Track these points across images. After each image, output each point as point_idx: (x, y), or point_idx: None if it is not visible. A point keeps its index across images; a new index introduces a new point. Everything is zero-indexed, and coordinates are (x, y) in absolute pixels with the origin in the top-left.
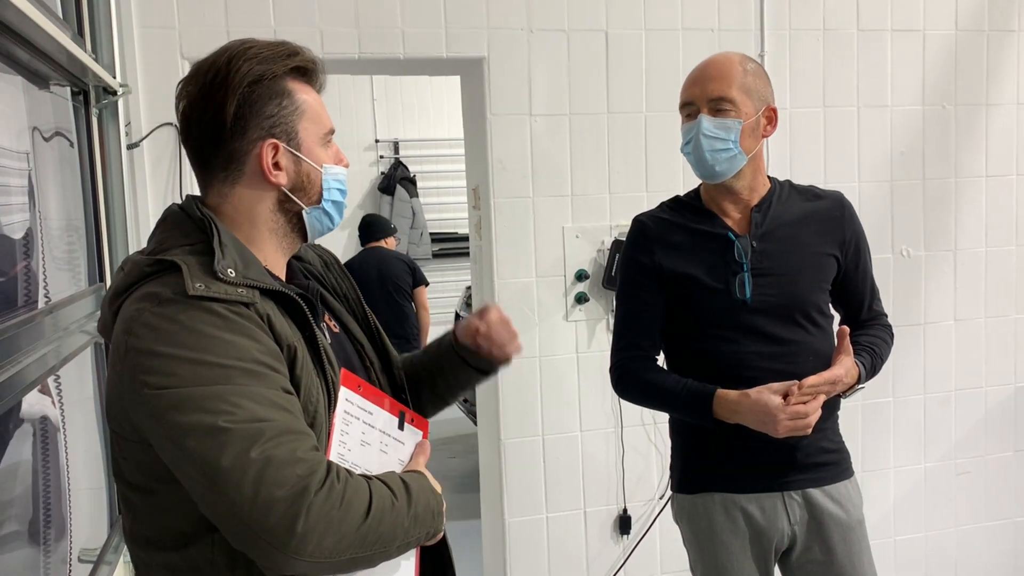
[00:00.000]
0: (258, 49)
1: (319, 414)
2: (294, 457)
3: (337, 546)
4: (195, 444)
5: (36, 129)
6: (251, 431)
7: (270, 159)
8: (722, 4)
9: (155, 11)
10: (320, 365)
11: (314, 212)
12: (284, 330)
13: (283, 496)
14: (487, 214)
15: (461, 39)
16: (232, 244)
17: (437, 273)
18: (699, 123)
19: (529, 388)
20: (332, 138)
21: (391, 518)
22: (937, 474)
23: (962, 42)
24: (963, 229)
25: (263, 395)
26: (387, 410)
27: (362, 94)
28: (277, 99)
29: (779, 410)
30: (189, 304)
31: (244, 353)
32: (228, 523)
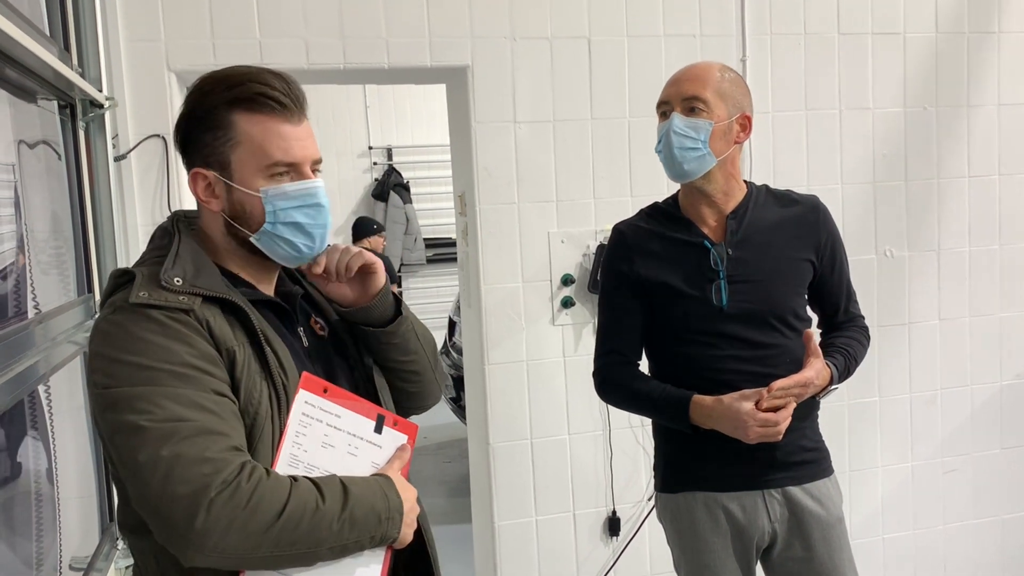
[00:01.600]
0: (208, 82)
1: (260, 415)
2: (202, 457)
3: (243, 544)
4: (120, 440)
5: (22, 142)
6: (166, 430)
7: (201, 187)
8: (703, 10)
9: (142, 25)
10: (267, 368)
11: (262, 238)
12: (224, 334)
13: (185, 493)
14: (473, 220)
15: (445, 48)
16: (189, 254)
17: (431, 278)
18: (671, 121)
19: (517, 392)
20: (292, 170)
21: (312, 520)
22: (924, 472)
23: (942, 44)
24: (946, 229)
25: (187, 396)
26: (362, 413)
27: (355, 101)
28: (212, 131)
29: (750, 416)
30: (132, 311)
31: (174, 357)
32: (145, 514)
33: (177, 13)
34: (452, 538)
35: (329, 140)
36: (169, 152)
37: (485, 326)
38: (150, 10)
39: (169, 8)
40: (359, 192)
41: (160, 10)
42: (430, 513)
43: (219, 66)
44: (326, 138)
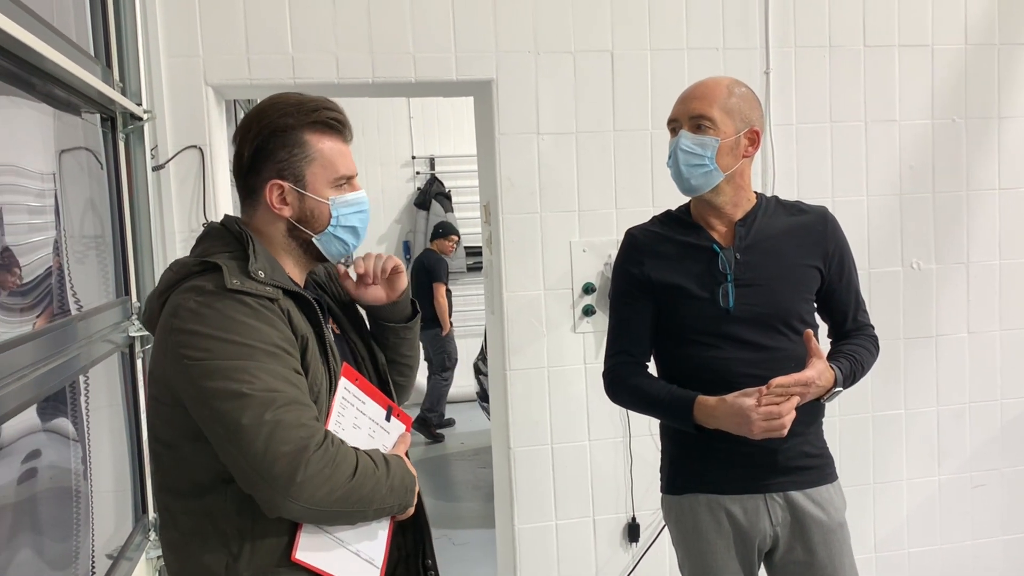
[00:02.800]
0: (285, 104)
1: (321, 395)
2: (299, 422)
3: (328, 498)
4: (220, 405)
5: (64, 152)
6: (266, 398)
7: (275, 196)
8: (727, 23)
9: (181, 41)
10: (325, 356)
11: (323, 238)
12: (300, 324)
13: (287, 451)
14: (496, 229)
15: (470, 62)
16: (263, 254)
17: (472, 286)
18: (679, 139)
19: (538, 398)
20: (349, 182)
21: (372, 482)
22: (952, 487)
23: (972, 56)
24: (976, 242)
25: (278, 371)
26: (378, 402)
27: (399, 113)
28: (289, 148)
29: (752, 410)
30: (226, 295)
31: (266, 337)
32: (242, 470)
33: (214, 30)
34: (483, 541)
35: (373, 150)
36: (205, 162)
37: (507, 333)
38: (189, 28)
39: (207, 26)
40: (402, 201)
41: (198, 28)
42: (464, 517)
43: (254, 80)
44: (370, 148)
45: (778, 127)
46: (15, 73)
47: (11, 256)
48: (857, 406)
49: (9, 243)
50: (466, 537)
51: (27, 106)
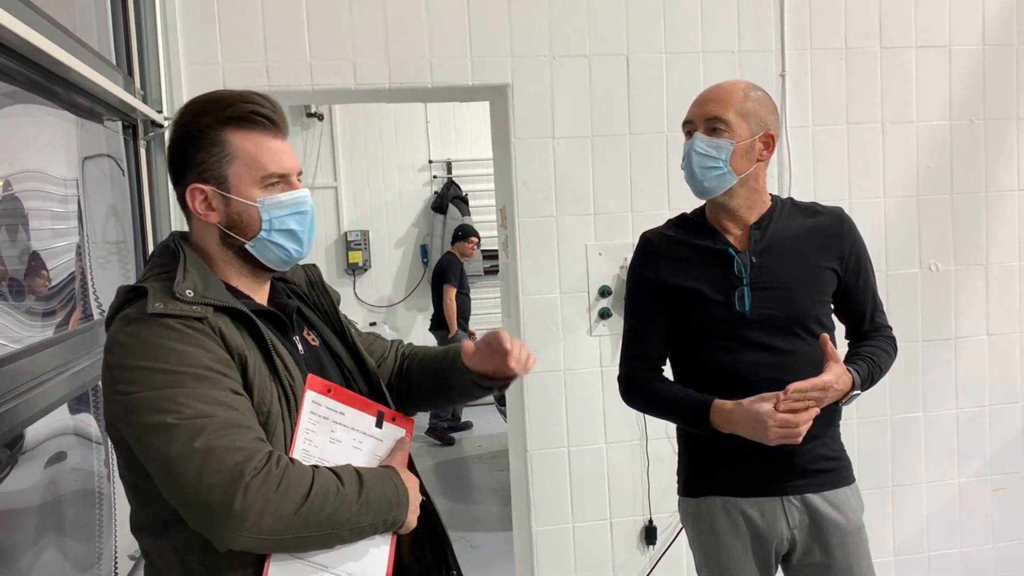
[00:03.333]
0: (200, 104)
1: (272, 414)
2: (233, 447)
3: (276, 525)
4: (152, 440)
5: (87, 159)
6: (196, 426)
7: (199, 201)
8: (742, 26)
9: (201, 49)
10: (275, 371)
11: (257, 244)
12: (236, 341)
13: (221, 480)
14: (512, 233)
15: (486, 67)
16: (196, 269)
17: (488, 289)
18: (693, 141)
19: (554, 401)
20: (283, 180)
21: (335, 502)
22: (972, 490)
23: (990, 56)
24: (995, 243)
25: (210, 395)
26: (363, 410)
27: (416, 117)
28: (207, 148)
29: (769, 417)
30: (150, 321)
31: (193, 360)
32: (181, 505)
33: (234, 38)
34: (501, 544)
35: (391, 154)
36: None
37: (523, 336)
38: (208, 35)
39: (226, 34)
40: (419, 205)
41: (218, 36)
42: (482, 520)
43: (273, 87)
44: (387, 153)
45: (794, 129)
46: (39, 82)
47: (39, 260)
48: (875, 409)
49: (36, 248)
50: (484, 540)
51: (51, 114)
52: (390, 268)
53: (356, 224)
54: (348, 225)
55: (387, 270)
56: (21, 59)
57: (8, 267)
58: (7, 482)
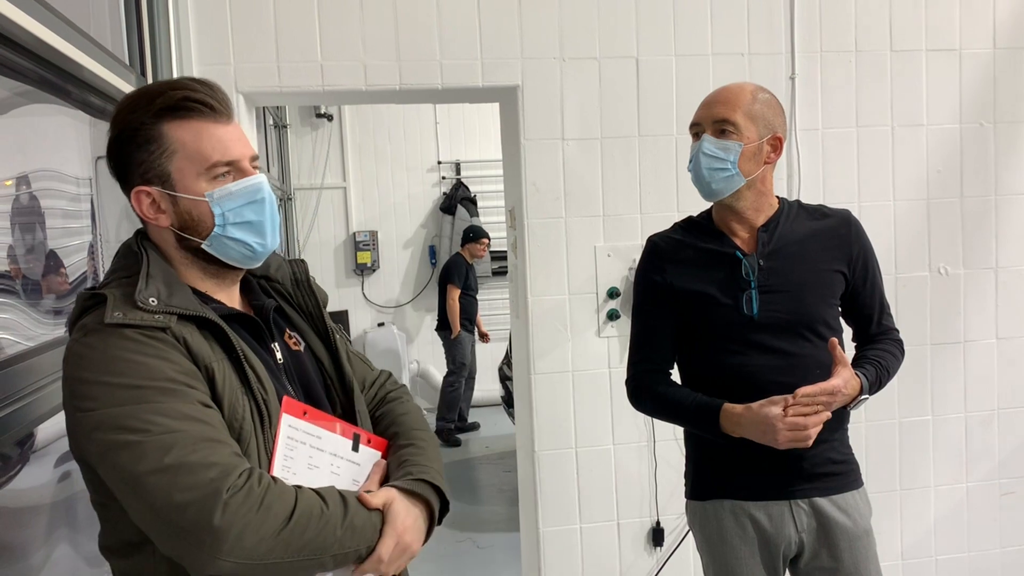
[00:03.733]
0: (132, 99)
1: (245, 430)
2: (207, 462)
3: (257, 547)
4: (116, 458)
5: (100, 158)
6: (164, 442)
7: (146, 205)
8: (752, 28)
9: (213, 50)
10: (246, 383)
11: (214, 242)
12: (202, 351)
13: (194, 498)
14: (522, 234)
15: (496, 69)
16: (160, 274)
17: (496, 290)
18: (701, 143)
19: (562, 402)
20: (232, 168)
21: (319, 524)
22: (980, 494)
23: (1000, 59)
24: (1005, 246)
25: (177, 410)
26: (338, 433)
27: (425, 118)
28: (145, 146)
29: (778, 420)
30: (108, 332)
31: (157, 373)
32: (152, 527)
33: (245, 39)
34: (508, 545)
35: (399, 155)
36: None
37: (532, 336)
38: (220, 37)
39: (238, 34)
40: (427, 206)
41: (230, 36)
42: (489, 520)
43: (284, 88)
44: (396, 153)
45: (804, 132)
46: (53, 81)
47: (56, 259)
48: (884, 412)
49: (52, 247)
50: (491, 540)
51: (65, 113)
52: (398, 269)
53: (365, 224)
54: (357, 225)
55: (395, 271)
56: (36, 58)
57: (24, 265)
58: (19, 479)
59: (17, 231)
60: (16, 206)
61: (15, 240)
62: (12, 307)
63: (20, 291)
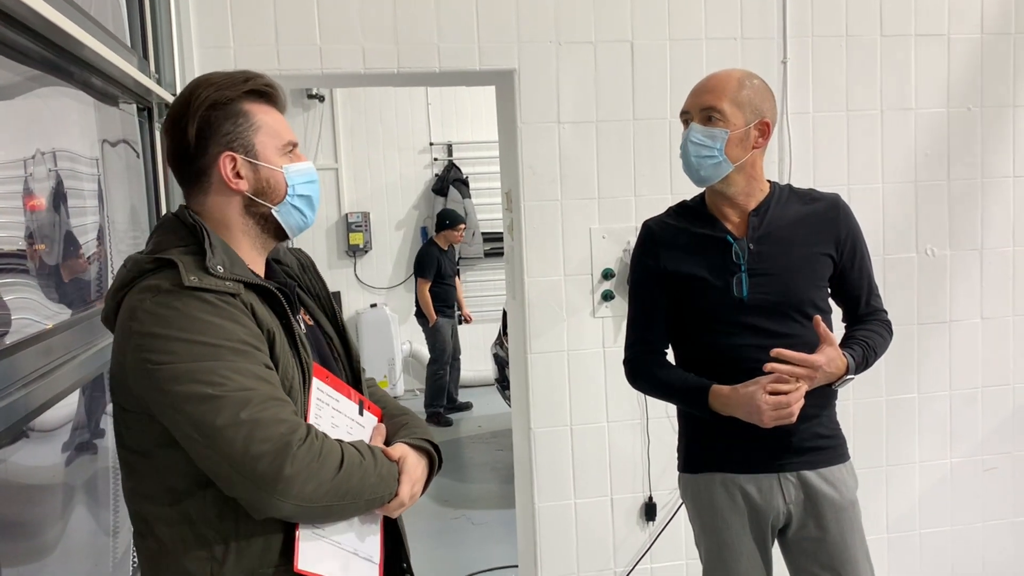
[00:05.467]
0: (217, 79)
1: (294, 389)
2: (277, 418)
3: (316, 492)
4: (193, 409)
5: (106, 141)
6: (240, 398)
7: (229, 169)
8: (744, 13)
9: (213, 33)
10: (296, 348)
11: (283, 209)
12: (265, 317)
13: (269, 449)
14: (518, 216)
15: (493, 53)
16: (220, 246)
17: (488, 271)
18: (689, 130)
19: (558, 381)
20: (294, 150)
21: (360, 473)
22: (963, 469)
23: (988, 45)
24: (990, 229)
25: (248, 369)
26: (350, 398)
27: (417, 99)
28: (233, 119)
29: (762, 400)
30: (184, 294)
31: (231, 334)
32: (224, 474)
33: (245, 23)
34: (501, 521)
35: (391, 136)
36: None
37: (528, 317)
38: (221, 20)
39: (238, 18)
40: (419, 187)
41: (230, 20)
42: (483, 498)
43: (283, 71)
44: (388, 135)
45: (795, 116)
46: (58, 63)
47: (75, 240)
48: (871, 390)
49: (69, 228)
50: (485, 517)
51: (70, 95)
52: (391, 250)
53: (357, 206)
54: (349, 207)
55: (388, 252)
56: (42, 39)
57: (43, 246)
58: (25, 457)
59: (35, 211)
60: (33, 187)
61: (33, 220)
62: (28, 287)
63: (35, 272)
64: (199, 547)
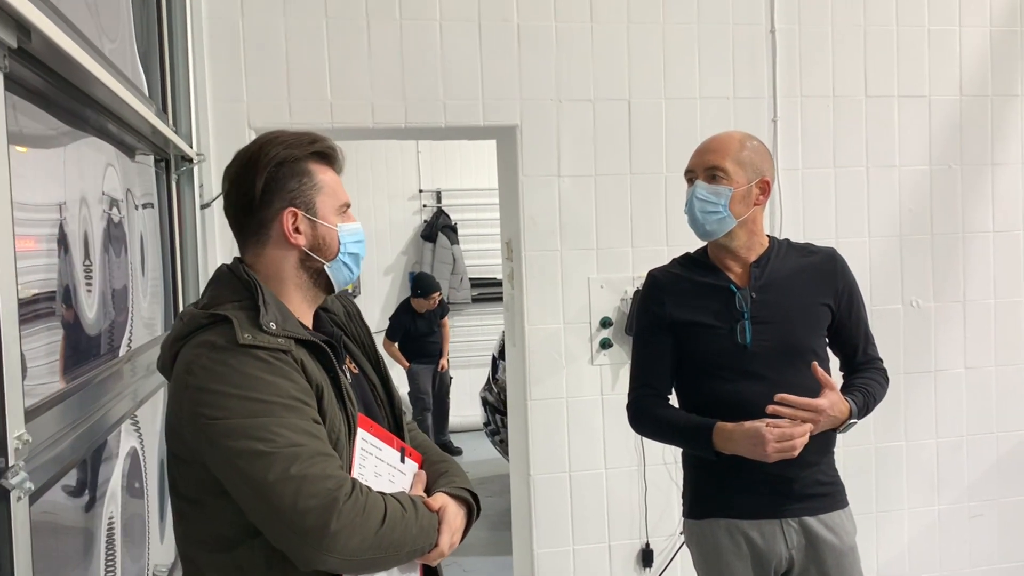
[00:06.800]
0: (285, 137)
1: (340, 442)
2: (325, 474)
3: (360, 546)
4: (245, 464)
5: (129, 192)
6: (290, 454)
7: (290, 224)
8: (736, 74)
9: (227, 87)
10: (342, 400)
11: (334, 265)
12: (314, 372)
13: (317, 505)
14: (519, 265)
15: (496, 109)
16: (273, 302)
17: (475, 316)
18: (695, 188)
19: (557, 427)
20: (348, 210)
21: (402, 526)
22: (951, 516)
23: (967, 106)
24: (972, 281)
25: (298, 425)
26: (392, 446)
27: (407, 146)
28: (298, 177)
29: (767, 432)
30: (239, 351)
31: (282, 391)
32: (273, 527)
33: (258, 77)
34: (493, 568)
35: (382, 183)
36: None
37: (528, 364)
38: (235, 75)
39: (251, 73)
40: (408, 233)
41: (243, 75)
42: (474, 544)
43: (295, 124)
44: (378, 181)
45: (785, 172)
46: (82, 112)
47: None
48: (860, 437)
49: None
50: (476, 564)
51: (94, 146)
52: (379, 295)
53: None
54: None
55: (376, 297)
56: (69, 86)
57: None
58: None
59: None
60: (62, 233)
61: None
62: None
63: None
64: None
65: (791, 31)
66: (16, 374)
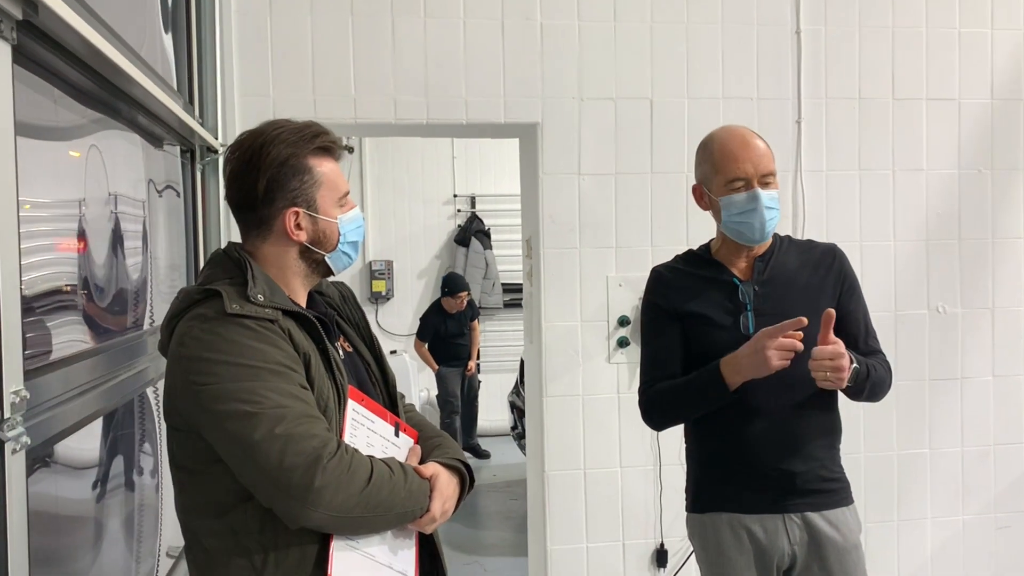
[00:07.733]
0: (287, 136)
1: (329, 409)
2: (310, 433)
3: (346, 503)
4: (233, 426)
5: (151, 181)
6: (276, 415)
7: (292, 222)
8: (760, 74)
9: (254, 81)
10: (331, 371)
11: (333, 256)
12: (301, 342)
13: (302, 462)
14: (537, 263)
15: (518, 107)
16: (262, 277)
17: (507, 321)
18: (759, 197)
19: (572, 425)
20: (346, 197)
21: (389, 486)
22: (976, 527)
23: (998, 110)
24: (1001, 288)
25: (284, 389)
26: (385, 420)
27: (443, 152)
28: (299, 176)
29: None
30: (227, 320)
31: (269, 357)
32: (261, 486)
33: (285, 72)
34: (513, 568)
35: (417, 188)
36: None
37: (545, 361)
38: (262, 69)
39: (278, 68)
40: (443, 237)
41: (270, 69)
42: (496, 545)
43: (319, 118)
44: (414, 185)
45: (809, 173)
46: (111, 102)
47: (121, 280)
48: (882, 444)
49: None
50: (497, 564)
51: (123, 137)
52: (412, 298)
53: (381, 254)
54: (373, 255)
55: (409, 300)
56: (98, 76)
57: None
58: (62, 487)
59: (83, 252)
60: (84, 226)
61: (83, 260)
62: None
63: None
64: (241, 556)
65: (817, 32)
66: (16, 335)
